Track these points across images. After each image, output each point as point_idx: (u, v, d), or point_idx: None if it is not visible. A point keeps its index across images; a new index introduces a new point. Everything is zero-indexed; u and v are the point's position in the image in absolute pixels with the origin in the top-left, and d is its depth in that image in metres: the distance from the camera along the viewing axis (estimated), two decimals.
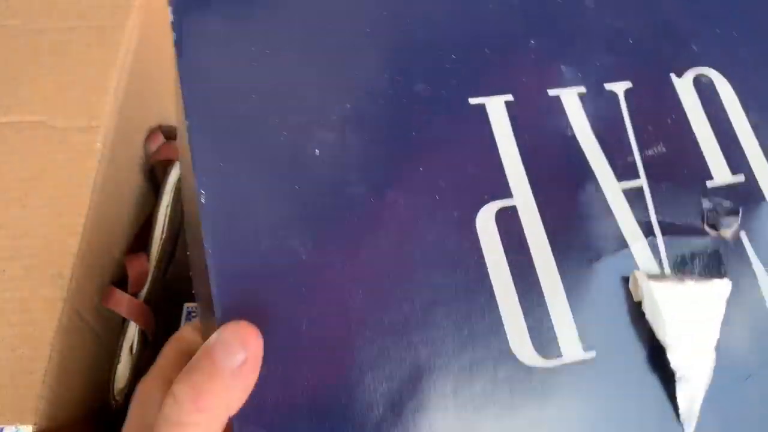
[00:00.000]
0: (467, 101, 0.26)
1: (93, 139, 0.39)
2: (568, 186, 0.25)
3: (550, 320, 0.24)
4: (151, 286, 0.41)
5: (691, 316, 0.24)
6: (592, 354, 0.24)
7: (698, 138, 0.27)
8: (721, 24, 0.29)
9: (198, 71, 0.24)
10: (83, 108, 0.40)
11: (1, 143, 0.39)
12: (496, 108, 0.26)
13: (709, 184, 0.27)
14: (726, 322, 0.25)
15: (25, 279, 0.34)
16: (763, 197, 0.27)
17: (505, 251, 0.24)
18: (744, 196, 0.27)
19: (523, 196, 0.25)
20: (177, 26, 0.25)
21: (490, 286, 0.23)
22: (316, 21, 0.25)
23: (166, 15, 0.56)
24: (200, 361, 0.20)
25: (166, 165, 0.48)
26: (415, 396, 0.22)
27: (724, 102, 0.28)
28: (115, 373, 0.38)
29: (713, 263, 0.26)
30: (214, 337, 0.20)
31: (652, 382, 0.24)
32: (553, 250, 0.24)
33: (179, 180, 0.48)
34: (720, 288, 0.25)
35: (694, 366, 0.24)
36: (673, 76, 0.28)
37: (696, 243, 0.26)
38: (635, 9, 0.29)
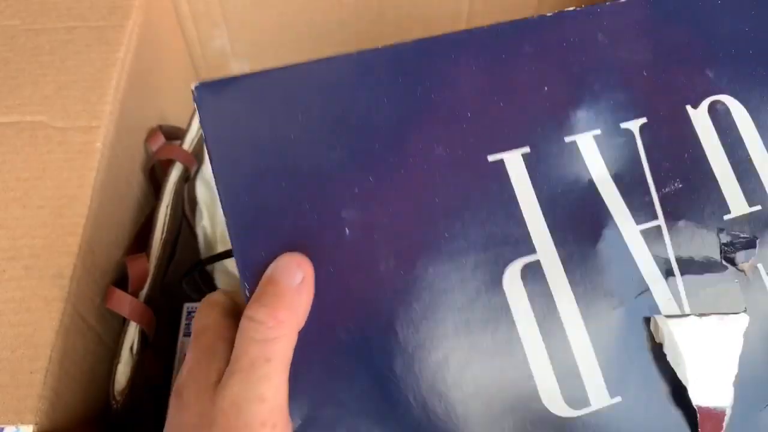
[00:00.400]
0: (485, 159, 0.26)
1: (93, 139, 0.39)
2: (588, 234, 0.26)
3: (578, 371, 0.25)
4: (152, 286, 0.41)
5: (710, 354, 0.25)
6: (618, 399, 0.24)
7: (715, 171, 0.27)
8: (736, 44, 0.29)
9: (229, 165, 0.25)
10: (83, 108, 0.40)
11: (1, 143, 0.38)
12: (514, 162, 0.26)
13: (726, 217, 0.27)
14: (746, 352, 0.25)
15: (26, 279, 0.34)
16: None
17: (532, 306, 0.25)
18: (761, 226, 0.27)
19: (545, 250, 0.25)
20: (206, 126, 0.25)
21: (520, 342, 0.25)
22: (333, 100, 0.26)
23: (166, 15, 0.57)
24: (266, 288, 0.23)
25: (167, 165, 0.48)
26: None
27: (740, 129, 0.28)
28: (115, 373, 0.38)
29: (732, 297, 0.26)
30: (271, 267, 0.23)
31: (675, 420, 0.25)
32: (577, 300, 0.25)
33: (179, 180, 0.48)
34: (738, 322, 0.25)
35: (714, 401, 0.24)
36: (688, 107, 0.28)
37: (714, 279, 0.26)
38: (648, 38, 0.29)
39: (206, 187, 0.53)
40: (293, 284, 0.23)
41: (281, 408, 0.22)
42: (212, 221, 0.52)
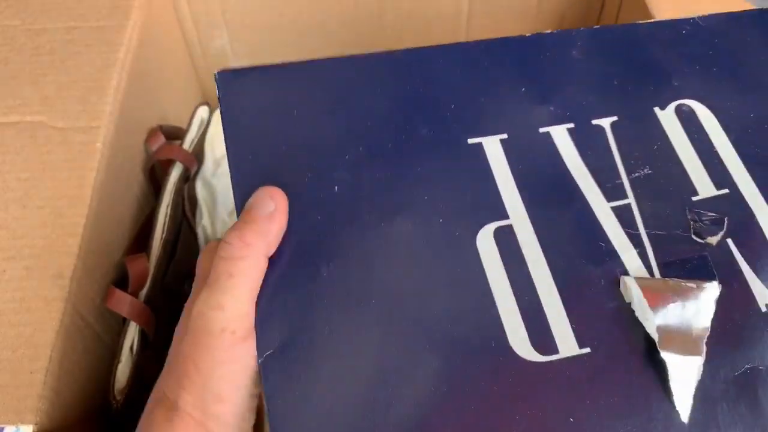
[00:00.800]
0: (466, 141, 0.29)
1: (93, 139, 0.39)
2: (559, 205, 0.28)
3: (547, 321, 0.26)
4: (152, 286, 0.41)
5: (680, 317, 0.25)
6: (586, 350, 0.25)
7: (682, 159, 0.29)
8: (701, 61, 0.32)
9: (239, 133, 0.28)
10: (83, 108, 0.40)
11: (1, 143, 0.39)
12: (492, 145, 0.29)
13: (695, 198, 0.28)
14: (717, 319, 0.26)
15: (26, 279, 0.34)
16: (747, 206, 0.28)
17: (504, 263, 0.27)
18: (729, 207, 0.28)
19: (518, 216, 0.28)
20: (223, 100, 0.29)
21: (491, 294, 0.26)
22: (335, 87, 0.30)
23: (167, 15, 0.57)
24: (242, 216, 0.26)
25: (167, 165, 0.48)
26: (423, 392, 0.25)
27: (705, 126, 0.30)
28: (115, 373, 0.38)
29: (701, 267, 0.27)
30: (250, 199, 0.27)
31: (648, 374, 0.25)
32: (547, 260, 0.27)
33: (179, 180, 0.48)
34: (708, 290, 0.26)
35: (685, 360, 0.25)
36: (656, 109, 0.31)
37: (684, 250, 0.27)
38: (620, 54, 0.32)
39: (206, 187, 0.53)
40: (265, 213, 0.26)
41: (241, 317, 0.25)
42: (212, 221, 0.52)
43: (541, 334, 0.25)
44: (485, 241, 0.27)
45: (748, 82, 0.31)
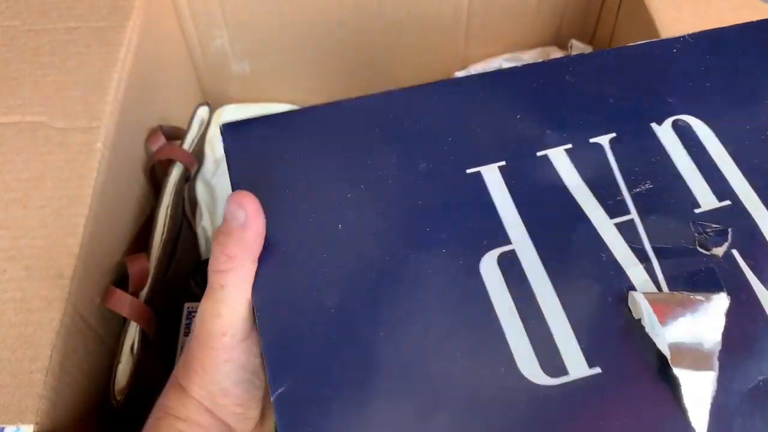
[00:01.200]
0: (464, 171, 0.30)
1: (93, 139, 0.39)
2: (562, 226, 0.28)
3: (555, 342, 0.26)
4: (152, 286, 0.41)
5: (690, 331, 0.25)
6: (597, 370, 0.25)
7: (682, 173, 0.29)
8: (694, 77, 0.32)
9: (244, 179, 0.29)
10: (83, 108, 0.40)
11: (1, 143, 0.39)
12: (491, 173, 0.30)
13: (697, 211, 0.28)
14: (727, 331, 0.25)
15: (26, 279, 0.34)
16: (750, 216, 0.28)
17: (509, 288, 0.27)
18: (732, 218, 0.28)
19: (520, 240, 0.28)
20: (228, 150, 0.30)
21: (497, 319, 0.26)
22: (334, 130, 0.31)
23: (167, 15, 0.57)
24: (220, 229, 0.27)
25: (167, 165, 0.48)
26: (435, 421, 0.25)
27: (702, 140, 0.30)
28: (115, 373, 0.38)
29: (709, 280, 0.27)
30: (224, 211, 0.28)
31: (659, 391, 0.25)
32: (552, 281, 0.27)
33: (179, 180, 0.48)
34: (717, 302, 0.26)
35: (697, 375, 0.25)
36: (653, 125, 0.31)
37: (690, 263, 0.27)
38: (613, 75, 0.32)
39: (206, 188, 0.53)
40: (238, 223, 0.27)
41: (238, 322, 0.27)
42: (213, 221, 0.52)
43: (550, 357, 0.25)
44: (489, 267, 0.27)
45: (741, 94, 0.32)
